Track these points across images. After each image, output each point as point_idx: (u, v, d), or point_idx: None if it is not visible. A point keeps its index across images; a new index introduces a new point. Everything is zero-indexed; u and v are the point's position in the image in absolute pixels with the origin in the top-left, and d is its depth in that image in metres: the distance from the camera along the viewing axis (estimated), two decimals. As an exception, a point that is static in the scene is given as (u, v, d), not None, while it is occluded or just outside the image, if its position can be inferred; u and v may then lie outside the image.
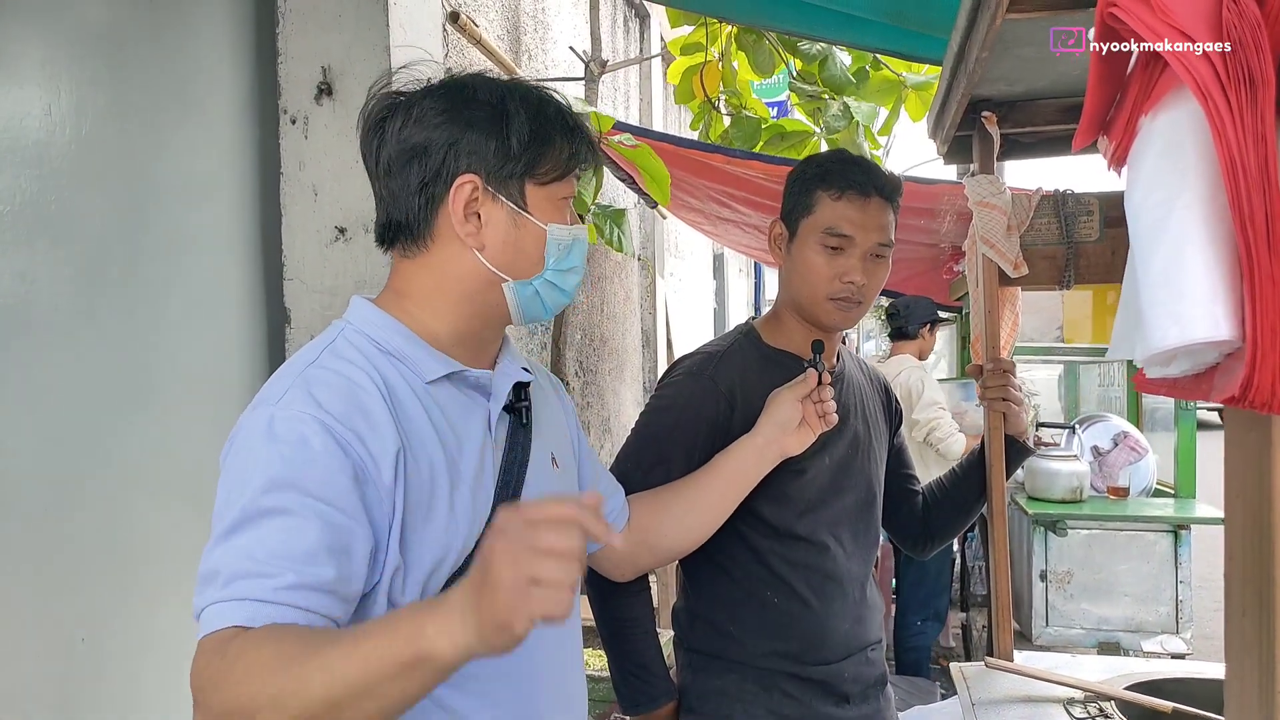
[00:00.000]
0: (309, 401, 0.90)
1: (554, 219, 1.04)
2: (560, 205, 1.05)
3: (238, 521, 0.85)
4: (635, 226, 5.43)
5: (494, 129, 1.00)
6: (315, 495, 0.86)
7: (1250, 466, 0.62)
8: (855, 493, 1.52)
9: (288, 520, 0.84)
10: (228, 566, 0.83)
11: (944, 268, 4.19)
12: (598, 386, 4.50)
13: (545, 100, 1.04)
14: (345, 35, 1.99)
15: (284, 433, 0.88)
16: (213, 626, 0.81)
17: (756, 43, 3.50)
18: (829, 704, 1.46)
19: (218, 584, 0.83)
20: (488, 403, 1.06)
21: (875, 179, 1.43)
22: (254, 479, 0.86)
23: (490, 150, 1.00)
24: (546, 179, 1.02)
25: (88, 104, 1.57)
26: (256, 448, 0.89)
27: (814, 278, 1.43)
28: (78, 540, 1.52)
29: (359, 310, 1.04)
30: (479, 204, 1.00)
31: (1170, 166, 0.57)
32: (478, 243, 1.01)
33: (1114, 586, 3.70)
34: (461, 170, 1.00)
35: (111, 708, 1.57)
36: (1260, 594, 0.63)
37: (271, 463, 0.87)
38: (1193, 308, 0.56)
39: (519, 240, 1.02)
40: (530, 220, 1.02)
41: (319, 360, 0.97)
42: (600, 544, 0.75)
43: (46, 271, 1.48)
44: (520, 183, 1.01)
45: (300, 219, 2.03)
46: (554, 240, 1.03)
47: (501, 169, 1.00)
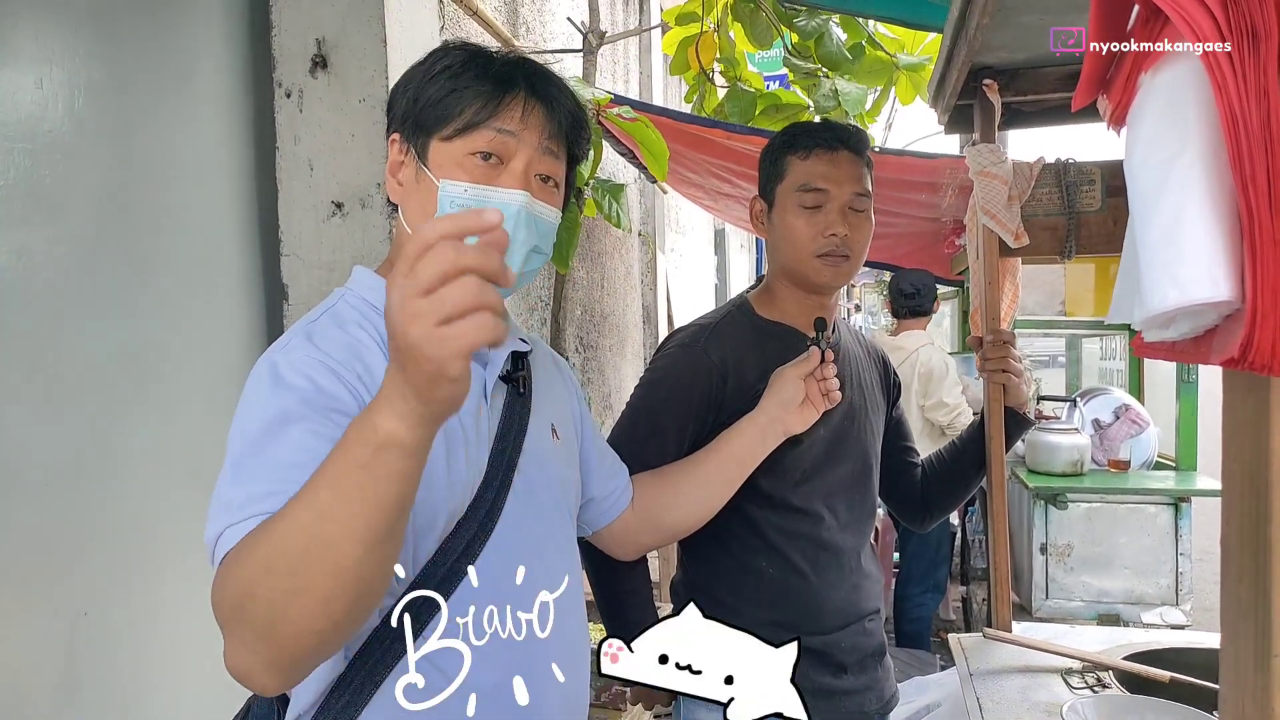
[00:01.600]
0: (311, 348, 0.92)
1: (453, 175, 0.99)
2: (468, 162, 0.99)
3: (242, 454, 0.85)
4: (635, 202, 5.40)
5: (411, 86, 1.02)
6: (322, 408, 0.86)
7: (1248, 430, 0.61)
8: (850, 463, 1.52)
9: (294, 433, 0.84)
10: (239, 493, 0.83)
11: (945, 242, 4.17)
12: (598, 362, 4.50)
13: (474, 53, 1.02)
14: (339, 7, 1.97)
15: (289, 375, 0.89)
16: (226, 548, 0.79)
17: (753, 14, 3.46)
18: (826, 674, 1.47)
19: (231, 509, 0.81)
20: (483, 370, 1.06)
21: (840, 133, 1.47)
22: (258, 416, 0.87)
23: (402, 107, 1.02)
24: (449, 133, 0.99)
25: (80, 78, 1.55)
26: (263, 390, 0.89)
27: (797, 238, 1.44)
28: (78, 516, 1.53)
29: (359, 277, 1.06)
30: (403, 163, 1.03)
31: (1171, 124, 0.56)
32: (399, 199, 1.04)
33: (1114, 559, 3.71)
34: (393, 129, 1.04)
35: (114, 679, 1.58)
36: (1257, 559, 0.62)
37: (278, 398, 0.87)
38: (1192, 268, 0.55)
39: (419, 195, 1.01)
40: (427, 175, 1.00)
41: (319, 320, 0.98)
42: (500, 282, 0.65)
43: (41, 248, 1.47)
44: (425, 138, 1.01)
45: (296, 194, 2.01)
46: (445, 196, 0.98)
47: (406, 123, 1.02)
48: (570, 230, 2.39)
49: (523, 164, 1.00)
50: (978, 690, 1.55)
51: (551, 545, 1.09)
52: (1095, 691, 1.51)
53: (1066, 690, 1.53)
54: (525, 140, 1.00)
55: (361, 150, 1.98)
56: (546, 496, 1.10)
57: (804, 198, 1.44)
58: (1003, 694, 1.53)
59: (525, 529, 1.05)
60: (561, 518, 1.13)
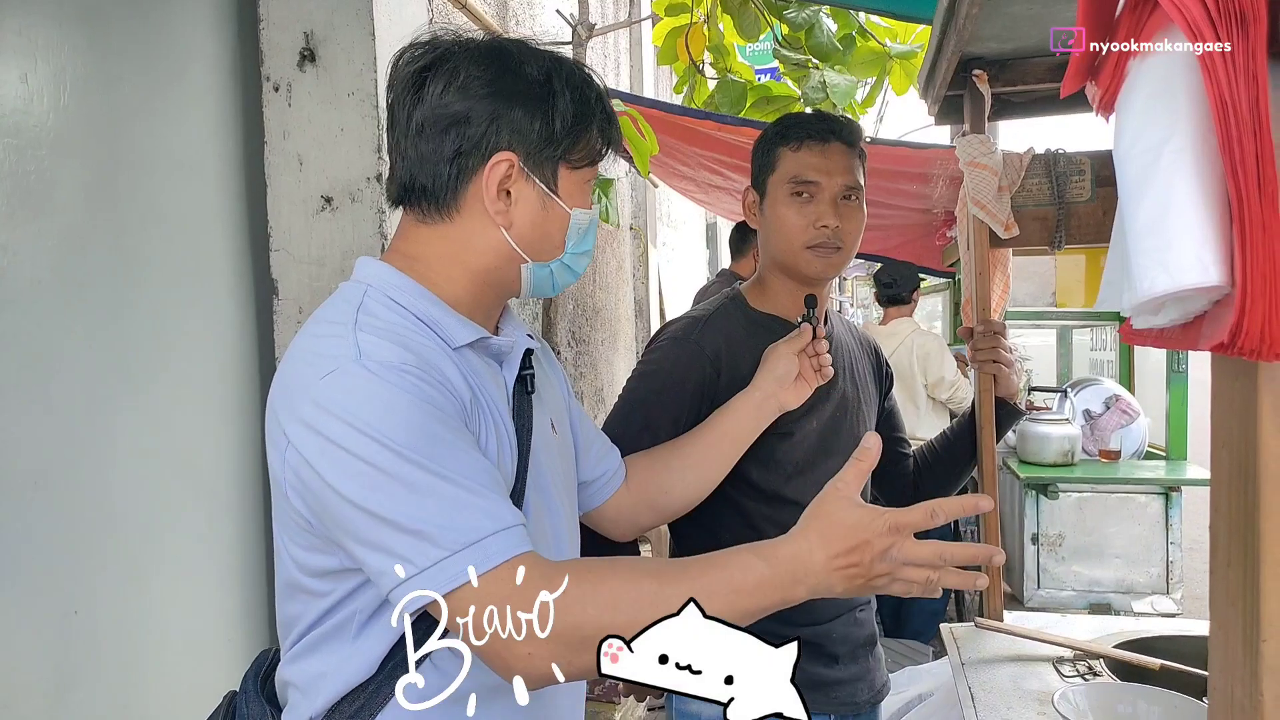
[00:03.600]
0: (389, 350, 0.89)
1: (579, 204, 1.03)
2: (586, 189, 1.04)
3: (415, 480, 0.84)
4: (626, 196, 5.39)
5: (539, 108, 0.97)
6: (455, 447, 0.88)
7: (1237, 416, 0.61)
8: (843, 455, 1.51)
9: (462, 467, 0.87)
10: (444, 514, 0.84)
11: (937, 233, 4.17)
12: (590, 356, 4.49)
13: (588, 82, 1.02)
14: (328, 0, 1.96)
15: (394, 381, 0.87)
16: (491, 564, 0.82)
17: (742, 6, 3.45)
18: (818, 664, 1.47)
19: (450, 535, 0.83)
20: (501, 370, 1.05)
21: (832, 125, 1.47)
22: (399, 434, 0.84)
23: (534, 130, 0.97)
24: (580, 164, 1.01)
25: (66, 71, 1.54)
26: (377, 400, 0.86)
27: (788, 229, 1.44)
28: (68, 515, 1.52)
29: (378, 274, 1.00)
30: (511, 182, 0.98)
31: (1159, 110, 0.56)
32: (506, 221, 0.99)
33: (1105, 549, 3.73)
34: (501, 146, 0.97)
35: (103, 678, 1.57)
36: (1245, 545, 0.62)
37: (405, 413, 0.85)
38: (1181, 254, 0.55)
39: (545, 223, 1.01)
40: (558, 204, 1.01)
41: (359, 322, 0.93)
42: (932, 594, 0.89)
43: (27, 243, 1.46)
44: (555, 165, 1.00)
45: (285, 189, 2.00)
46: (576, 226, 1.03)
47: (541, 150, 0.98)
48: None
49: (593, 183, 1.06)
50: (970, 679, 1.55)
51: (563, 544, 1.10)
52: (1086, 680, 1.52)
53: (1058, 678, 1.53)
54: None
55: (351, 144, 1.97)
56: (554, 494, 1.09)
57: (795, 189, 1.44)
58: (995, 683, 1.53)
59: (542, 529, 1.05)
60: (569, 513, 1.13)
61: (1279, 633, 0.59)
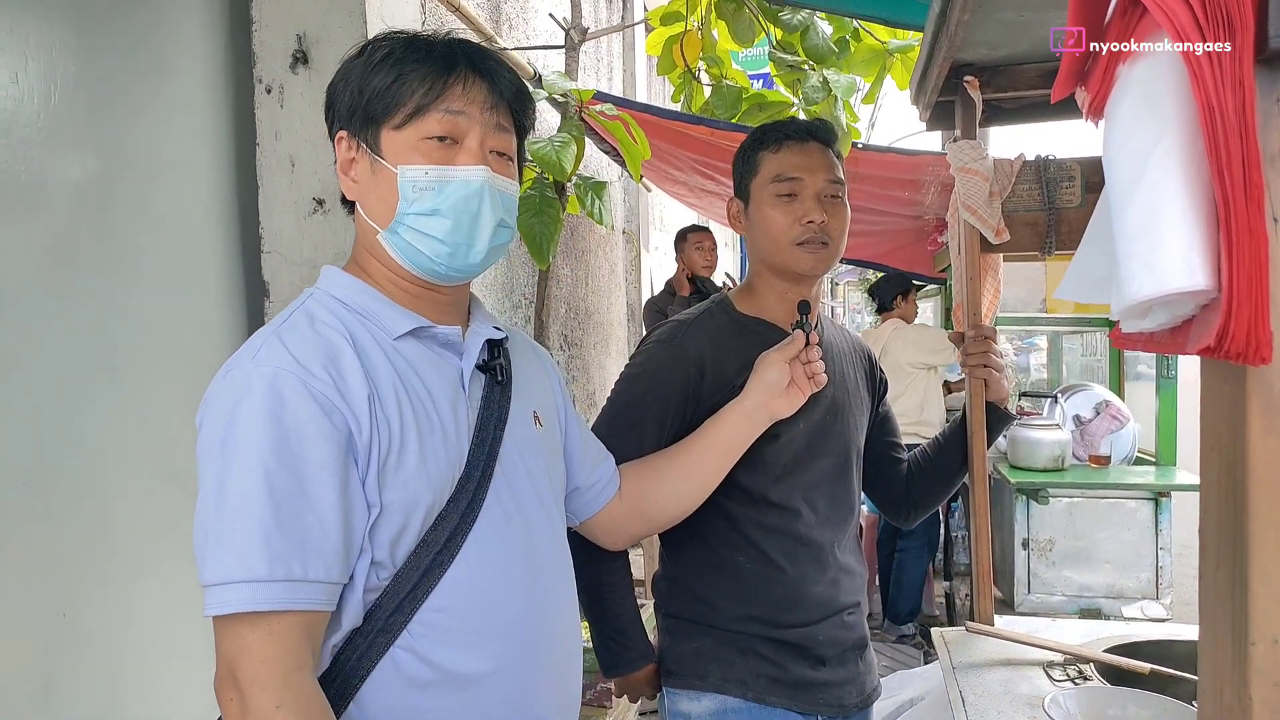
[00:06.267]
0: (285, 356, 0.92)
1: (410, 160, 0.99)
2: (422, 147, 0.99)
3: (249, 493, 0.88)
4: (619, 200, 5.39)
5: (353, 80, 1.01)
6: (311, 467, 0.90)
7: (1225, 419, 0.62)
8: (831, 458, 1.52)
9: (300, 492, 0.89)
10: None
11: (928, 239, 4.19)
12: (582, 360, 4.49)
13: (412, 39, 1.03)
14: (320, 2, 1.96)
15: (268, 396, 0.90)
16: (230, 610, 0.88)
17: (736, 12, 3.45)
18: (805, 666, 1.47)
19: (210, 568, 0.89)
20: (459, 361, 1.06)
21: (808, 126, 1.50)
22: (251, 451, 0.89)
23: (346, 102, 1.02)
24: (399, 121, 0.99)
25: (56, 72, 1.53)
26: (248, 416, 0.90)
27: (774, 228, 1.46)
28: (56, 517, 1.51)
29: (327, 276, 1.06)
30: (355, 159, 1.02)
31: (1148, 115, 0.57)
32: (356, 195, 1.04)
33: (1095, 554, 3.73)
34: (339, 127, 1.03)
35: (92, 680, 1.56)
36: (1234, 547, 0.63)
37: (266, 433, 0.89)
38: (1169, 258, 0.55)
39: (378, 187, 1.01)
40: (383, 165, 1.00)
41: (290, 320, 0.99)
42: None
43: (17, 244, 1.45)
44: (375, 128, 1.00)
45: (277, 190, 2.00)
46: (406, 181, 0.99)
47: (354, 117, 1.01)
48: (551, 226, 2.37)
49: (477, 141, 1.01)
50: (960, 683, 1.55)
51: (539, 537, 1.09)
52: (1076, 684, 1.52)
53: (1048, 683, 1.54)
54: (475, 118, 1.01)
55: (343, 146, 1.97)
56: (530, 486, 1.09)
57: (779, 188, 1.46)
58: (985, 687, 1.54)
59: (510, 520, 1.04)
60: (547, 508, 1.13)
61: (1267, 636, 0.59)
